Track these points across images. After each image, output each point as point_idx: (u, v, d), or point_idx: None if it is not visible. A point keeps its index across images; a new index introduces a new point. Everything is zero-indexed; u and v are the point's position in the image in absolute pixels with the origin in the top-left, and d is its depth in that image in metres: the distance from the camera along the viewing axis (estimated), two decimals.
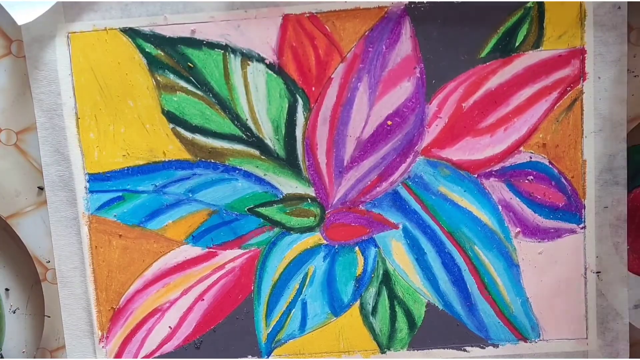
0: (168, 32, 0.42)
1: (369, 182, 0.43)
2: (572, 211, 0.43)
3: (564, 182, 0.43)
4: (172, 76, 0.42)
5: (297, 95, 0.42)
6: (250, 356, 0.45)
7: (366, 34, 0.42)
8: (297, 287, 0.45)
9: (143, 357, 0.44)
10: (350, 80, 0.42)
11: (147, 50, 0.42)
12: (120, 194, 0.43)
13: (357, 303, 0.45)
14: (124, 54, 0.42)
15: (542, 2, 0.41)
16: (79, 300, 0.44)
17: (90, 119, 0.43)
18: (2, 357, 0.46)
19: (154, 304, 0.44)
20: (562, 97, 0.42)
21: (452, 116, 0.43)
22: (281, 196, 0.43)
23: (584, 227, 0.44)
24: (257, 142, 0.43)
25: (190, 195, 0.43)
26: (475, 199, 0.44)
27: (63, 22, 0.42)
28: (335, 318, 0.45)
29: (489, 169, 0.43)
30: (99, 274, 0.44)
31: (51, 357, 0.45)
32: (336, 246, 0.44)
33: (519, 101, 0.43)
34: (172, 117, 0.43)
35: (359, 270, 0.44)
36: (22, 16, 0.41)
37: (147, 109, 0.43)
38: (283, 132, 0.43)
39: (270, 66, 0.42)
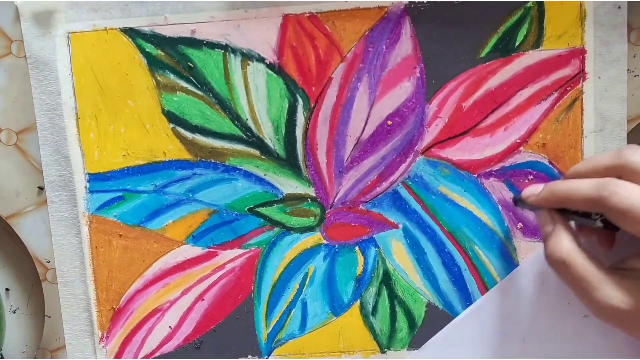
0: (168, 32, 0.42)
1: (369, 182, 0.43)
2: None
3: None
4: (172, 76, 0.42)
5: (297, 95, 0.42)
6: (250, 356, 0.45)
7: (366, 34, 0.42)
8: (297, 287, 0.45)
9: (143, 357, 0.44)
10: (350, 80, 0.42)
11: (147, 50, 0.42)
12: (120, 194, 0.43)
13: (357, 303, 0.45)
14: (124, 54, 0.42)
15: (542, 2, 0.42)
16: (79, 300, 0.44)
17: (90, 119, 0.43)
18: (2, 357, 0.46)
19: (154, 304, 0.44)
20: (562, 97, 0.42)
21: (452, 116, 0.43)
22: (281, 196, 0.43)
23: None
24: (257, 142, 0.43)
25: (191, 195, 0.43)
26: (475, 198, 0.44)
27: (63, 22, 0.42)
28: (335, 318, 0.45)
29: (489, 169, 0.43)
30: (99, 274, 0.44)
31: (51, 357, 0.45)
32: (336, 246, 0.44)
33: (519, 101, 0.43)
34: (172, 117, 0.43)
35: (359, 270, 0.44)
36: None
37: (147, 109, 0.43)
38: (283, 132, 0.43)
39: (270, 66, 0.42)
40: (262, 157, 0.43)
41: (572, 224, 0.38)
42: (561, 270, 0.35)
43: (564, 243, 0.36)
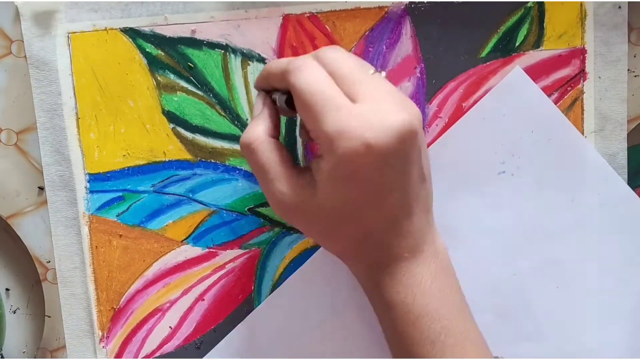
0: (168, 32, 0.42)
1: None
2: None
3: None
4: (172, 76, 0.42)
5: None
6: None
7: (366, 34, 0.42)
8: None
9: (143, 357, 0.44)
10: None
11: (147, 50, 0.42)
12: (120, 194, 0.43)
13: None
14: (124, 54, 0.42)
15: (543, 1, 0.42)
16: (80, 301, 0.44)
17: (90, 119, 0.43)
18: (2, 357, 0.46)
19: (155, 304, 0.44)
20: (563, 97, 0.42)
21: (452, 116, 0.43)
22: None
23: None
24: None
25: (191, 195, 0.43)
26: None
27: (63, 22, 0.42)
28: None
29: None
30: (99, 274, 0.44)
31: (51, 357, 0.45)
32: None
33: None
34: (172, 117, 0.43)
35: None
36: None
37: (147, 109, 0.43)
38: (283, 132, 0.43)
39: None
40: None
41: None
42: (246, 155, 0.34)
43: (257, 129, 0.34)
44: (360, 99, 0.30)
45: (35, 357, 0.45)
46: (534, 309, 0.43)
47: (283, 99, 0.34)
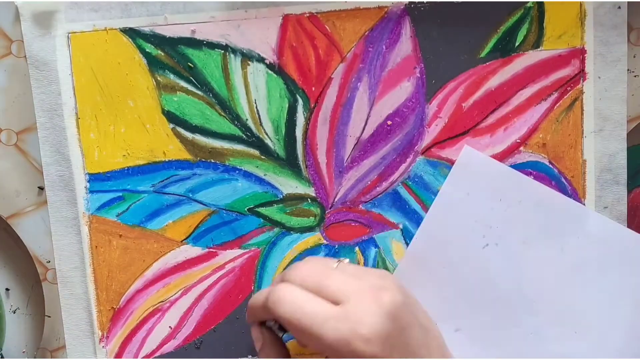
0: (168, 32, 0.42)
1: (369, 182, 0.43)
2: None
3: (564, 182, 0.43)
4: (172, 76, 0.42)
5: (297, 95, 0.42)
6: (250, 356, 0.45)
7: (366, 34, 0.42)
8: None
9: (143, 357, 0.44)
10: (350, 80, 0.42)
11: (147, 50, 0.42)
12: (120, 194, 0.43)
13: None
14: (124, 54, 0.42)
15: (542, 2, 0.42)
16: (79, 300, 0.44)
17: (90, 119, 0.43)
18: (2, 357, 0.46)
19: (155, 304, 0.44)
20: (562, 97, 0.42)
21: (452, 116, 0.43)
22: (281, 196, 0.43)
23: None
24: (257, 142, 0.43)
25: (191, 195, 0.43)
26: None
27: (63, 22, 0.42)
28: None
29: None
30: (99, 274, 0.44)
31: (51, 357, 0.45)
32: (336, 246, 0.44)
33: (519, 101, 0.43)
34: (172, 117, 0.43)
35: None
36: None
37: (147, 109, 0.43)
38: (283, 132, 0.43)
39: (270, 66, 0.42)
40: (262, 157, 0.43)
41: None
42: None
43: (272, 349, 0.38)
44: (342, 299, 0.33)
45: (35, 357, 0.45)
46: (535, 308, 0.43)
47: (277, 327, 0.38)
